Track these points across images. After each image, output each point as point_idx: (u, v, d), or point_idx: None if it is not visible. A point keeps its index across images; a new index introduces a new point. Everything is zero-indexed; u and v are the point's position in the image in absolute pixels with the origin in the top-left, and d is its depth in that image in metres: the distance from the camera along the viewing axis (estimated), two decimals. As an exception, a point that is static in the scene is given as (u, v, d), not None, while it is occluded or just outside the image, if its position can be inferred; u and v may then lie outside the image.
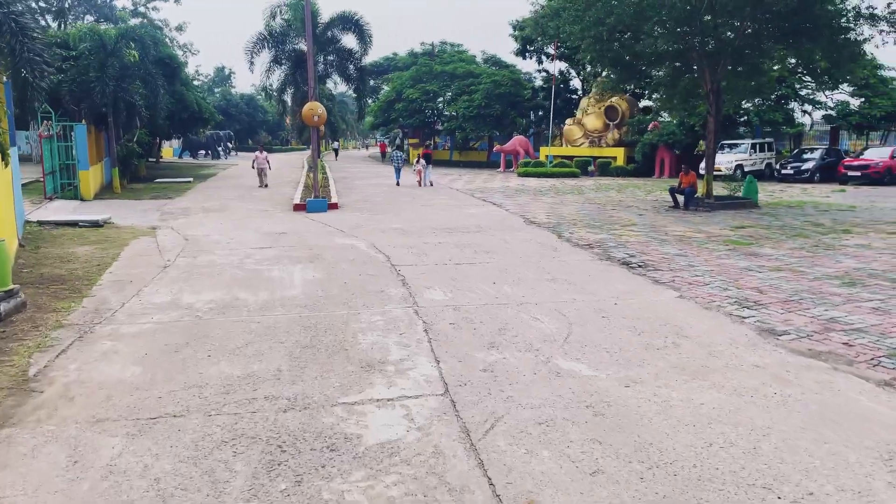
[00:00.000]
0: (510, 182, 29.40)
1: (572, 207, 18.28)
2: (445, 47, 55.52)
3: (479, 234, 13.11)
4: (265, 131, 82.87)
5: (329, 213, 17.48)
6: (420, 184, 26.46)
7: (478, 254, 10.75)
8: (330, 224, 14.95)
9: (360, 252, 11.09)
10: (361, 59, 21.69)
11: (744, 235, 12.56)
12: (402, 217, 16.23)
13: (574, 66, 42.07)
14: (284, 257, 10.59)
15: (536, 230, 13.58)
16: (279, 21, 21.41)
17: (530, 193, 23.11)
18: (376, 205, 19.36)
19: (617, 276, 8.82)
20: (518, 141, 39.47)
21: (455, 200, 20.77)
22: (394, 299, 7.66)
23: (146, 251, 11.33)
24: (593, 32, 16.60)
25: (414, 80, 47.33)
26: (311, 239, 12.72)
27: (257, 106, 75.96)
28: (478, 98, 42.61)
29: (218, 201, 20.44)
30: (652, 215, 16.30)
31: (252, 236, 13.09)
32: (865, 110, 29.85)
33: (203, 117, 33.59)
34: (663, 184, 28.24)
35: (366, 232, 13.57)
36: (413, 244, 11.81)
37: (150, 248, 11.62)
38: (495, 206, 18.83)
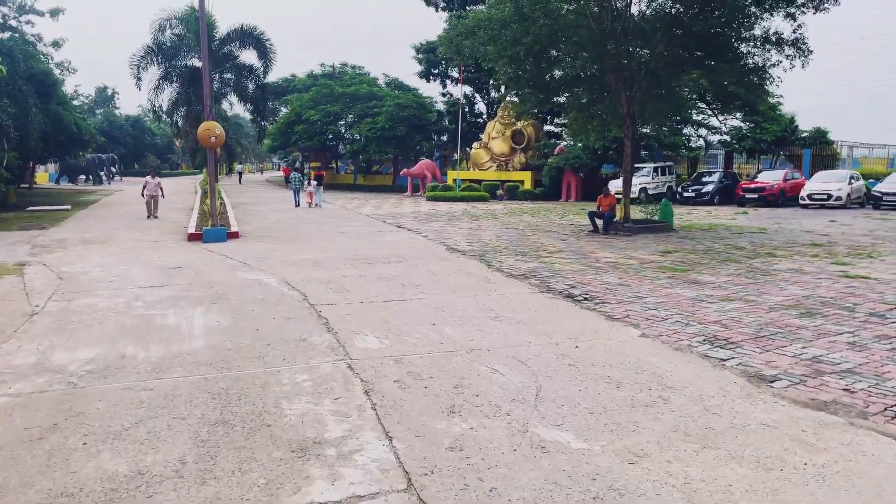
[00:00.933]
0: (420, 207, 28.54)
1: (491, 233, 17.56)
2: (346, 69, 54.48)
3: (402, 264, 12.03)
4: (153, 155, 78.37)
5: (229, 242, 15.88)
6: (311, 204, 27.72)
7: (406, 288, 9.67)
8: (231, 256, 13.43)
9: (270, 289, 9.74)
10: (263, 76, 20.17)
11: (675, 261, 12.16)
12: (312, 246, 14.91)
13: (479, 90, 42.06)
14: (181, 298, 9.09)
15: (462, 259, 12.67)
16: (169, 35, 19.63)
17: (444, 218, 22.29)
18: (281, 233, 17.89)
19: (566, 312, 7.99)
20: (425, 165, 38.83)
21: (367, 227, 19.61)
22: (320, 350, 6.45)
23: (8, 294, 9.48)
24: (510, 52, 16.07)
25: (314, 102, 45.90)
26: (211, 274, 11.21)
27: (144, 128, 71.75)
28: (381, 120, 41.74)
29: (100, 231, 18.29)
30: (575, 240, 15.81)
31: (141, 272, 11.42)
32: (757, 135, 31.28)
33: (83, 139, 30.76)
34: (572, 207, 28.27)
35: (273, 264, 12.18)
36: (330, 278, 10.58)
37: (15, 290, 9.76)
38: (411, 232, 17.82)
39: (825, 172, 28.71)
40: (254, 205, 29.34)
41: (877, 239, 15.56)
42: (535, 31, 15.75)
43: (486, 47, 16.45)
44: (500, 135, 37.43)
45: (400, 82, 52.63)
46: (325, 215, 23.84)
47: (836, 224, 19.35)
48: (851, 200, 26.24)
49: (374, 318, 7.72)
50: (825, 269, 11.22)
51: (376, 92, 46.31)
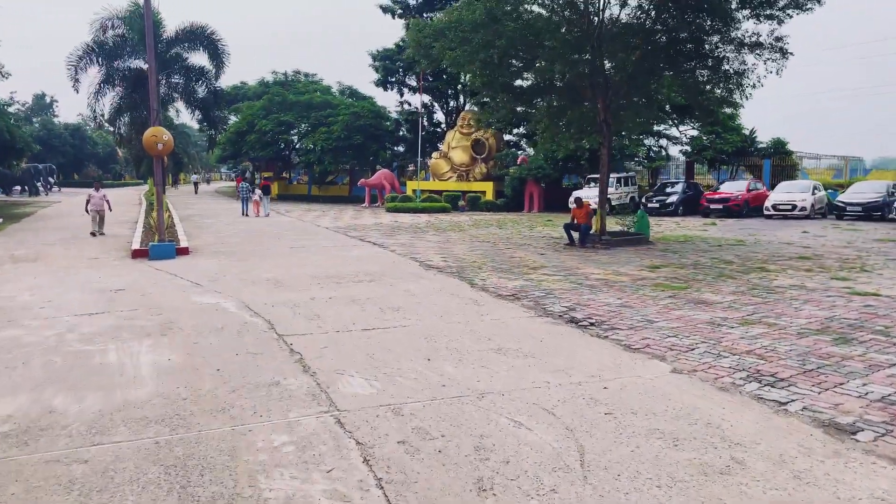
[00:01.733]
0: (381, 218, 27.41)
1: (463, 247, 16.58)
2: (299, 77, 52.91)
3: (375, 284, 10.92)
4: (94, 165, 75.07)
5: (179, 259, 14.48)
6: (257, 214, 28.65)
7: (386, 313, 8.57)
8: (182, 275, 12.08)
9: (229, 316, 8.52)
10: (216, 78, 18.71)
11: (669, 278, 11.38)
12: (272, 263, 13.65)
13: (438, 98, 41.19)
14: (125, 328, 7.80)
15: (441, 277, 11.62)
16: (111, 35, 18.05)
17: (409, 231, 21.22)
18: (237, 248, 16.53)
19: (576, 341, 7.03)
20: (383, 175, 37.73)
21: (329, 241, 18.38)
22: (298, 397, 5.31)
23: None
24: (482, 56, 15.16)
25: (266, 111, 44.28)
26: (159, 297, 9.89)
27: (85, 137, 68.58)
28: (337, 130, 40.44)
29: (33, 248, 16.59)
30: (554, 255, 14.94)
31: (78, 296, 10.01)
32: (719, 145, 31.22)
33: (16, 147, 28.64)
34: (538, 218, 27.57)
35: (231, 285, 10.92)
36: (297, 301, 9.40)
37: (-78, 322, 8.29)
38: (378, 247, 16.70)
39: (788, 183, 28.75)
40: (204, 217, 27.72)
41: (859, 251, 15.16)
42: (508, 34, 14.93)
43: (455, 51, 15.51)
44: (459, 144, 36.62)
45: (355, 90, 51.37)
46: (283, 228, 22.49)
47: (810, 235, 19.03)
48: (815, 210, 26.25)
49: (357, 353, 6.61)
50: (828, 284, 10.59)
51: (331, 100, 44.96)
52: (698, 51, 15.41)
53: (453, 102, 41.43)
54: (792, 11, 14.30)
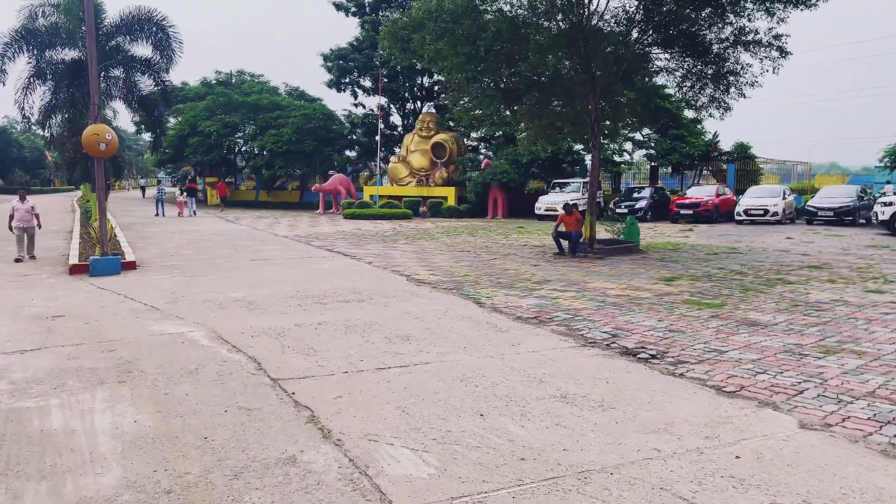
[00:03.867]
0: (341, 226, 25.74)
1: (444, 257, 15.18)
2: (244, 76, 50.53)
3: (367, 304, 9.41)
4: (21, 170, 70.42)
5: (125, 275, 12.61)
6: (181, 214, 31.36)
7: (394, 343, 7.10)
8: (132, 296, 10.29)
9: (201, 351, 6.89)
10: (166, 70, 16.74)
11: (692, 292, 10.26)
12: (236, 279, 11.95)
13: (395, 100, 39.66)
14: (69, 372, 6.10)
15: (439, 295, 10.19)
16: (43, 23, 15.93)
17: (376, 240, 19.69)
18: (191, 260, 14.69)
19: (649, 382, 5.72)
20: (338, 180, 36.01)
21: (292, 251, 16.69)
22: (330, 485, 3.82)
23: None
24: (467, 50, 13.83)
25: (210, 112, 41.86)
26: (109, 326, 8.15)
27: (10, 140, 64.18)
28: (287, 133, 38.43)
29: (-51, 263, 14.37)
30: (548, 265, 13.70)
31: (7, 325, 8.18)
32: (684, 150, 30.73)
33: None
34: (507, 225, 26.41)
35: (194, 308, 9.23)
36: (281, 329, 7.83)
37: None
38: (350, 258, 15.13)
39: (758, 188, 28.44)
40: (146, 226, 25.46)
41: (863, 258, 14.47)
42: (494, 25, 13.66)
43: (437, 43, 14.13)
44: (418, 148, 35.19)
45: (303, 92, 49.30)
46: (237, 237, 20.62)
47: (797, 242, 18.39)
48: (785, 215, 25.90)
49: (383, 405, 5.14)
50: (869, 298, 9.64)
51: (279, 101, 42.84)
52: (694, 46, 14.46)
53: (411, 104, 39.99)
54: (793, 9, 13.48)
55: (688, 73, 15.36)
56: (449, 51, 14.02)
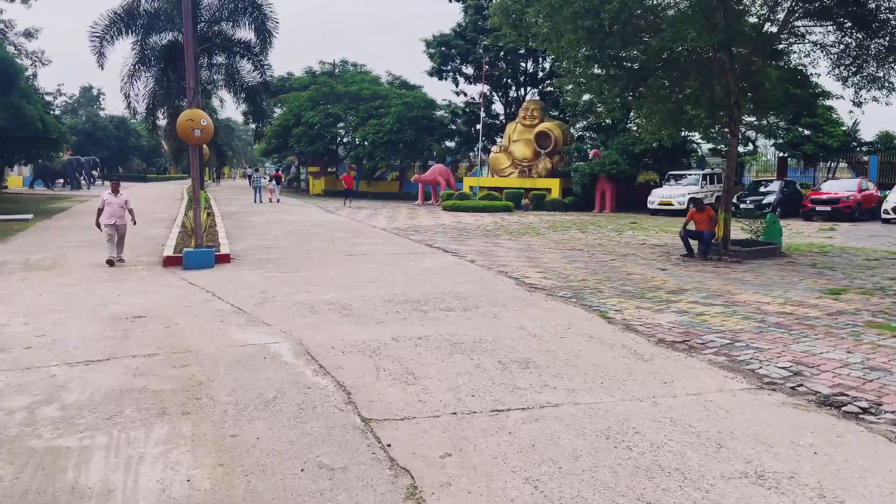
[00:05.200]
0: (440, 218, 24.66)
1: (555, 257, 13.69)
2: (348, 67, 50.55)
3: (472, 314, 8.13)
4: (139, 158, 74.19)
5: (218, 269, 11.95)
6: (271, 200, 33.93)
7: (510, 371, 5.77)
8: (220, 293, 9.49)
9: (283, 372, 5.82)
10: (263, 54, 16.17)
11: (872, 311, 8.33)
12: (330, 276, 11.00)
13: (497, 87, 38.20)
14: (130, 395, 5.17)
15: (557, 305, 8.77)
16: (145, 6, 15.69)
17: (478, 234, 18.42)
18: (285, 253, 13.95)
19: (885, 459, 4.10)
20: (438, 170, 34.99)
21: (390, 245, 15.70)
22: None
23: None
24: (588, 23, 12.22)
25: (314, 102, 41.98)
26: (188, 332, 7.28)
27: (129, 129, 67.50)
28: (389, 122, 37.82)
29: (53, 251, 14.30)
30: (678, 269, 11.95)
31: (84, 327, 7.49)
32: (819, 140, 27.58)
33: (50, 138, 26.66)
34: (616, 219, 24.48)
35: (282, 312, 8.27)
36: (375, 344, 6.68)
37: None
38: (451, 255, 13.93)
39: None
40: (248, 214, 25.38)
41: None
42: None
43: (554, 17, 12.60)
44: (521, 137, 33.61)
45: (404, 80, 48.76)
46: (335, 229, 19.92)
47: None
48: (943, 215, 22.54)
49: (506, 474, 3.82)
50: None
51: (380, 91, 42.39)
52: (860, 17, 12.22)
53: (514, 92, 38.41)
54: None
55: (847, 50, 13.09)
56: (566, 26, 12.47)
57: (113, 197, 12.89)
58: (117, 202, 12.86)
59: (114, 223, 12.58)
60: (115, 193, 12.93)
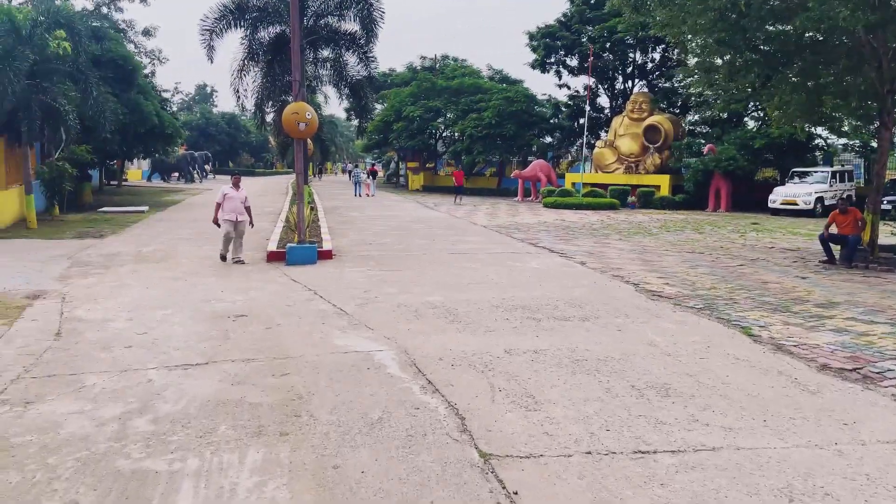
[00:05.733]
0: (542, 216, 23.75)
1: (674, 260, 12.58)
2: (448, 61, 50.22)
3: (592, 323, 7.32)
4: (247, 153, 77.16)
5: (320, 265, 11.67)
6: (368, 194, 34.68)
7: (649, 400, 4.95)
8: (322, 293, 9.13)
9: (388, 387, 5.26)
10: (369, 46, 15.87)
11: None
12: (432, 276, 10.46)
13: (603, 80, 36.70)
14: (226, 407, 4.75)
15: (686, 317, 7.80)
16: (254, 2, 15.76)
17: (585, 233, 17.43)
18: (386, 250, 13.56)
19: None
20: (539, 166, 33.96)
21: (492, 243, 15.03)
22: None
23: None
24: (720, 2, 11.02)
25: (414, 97, 41.88)
26: (289, 335, 6.88)
27: (239, 125, 70.22)
28: (488, 116, 37.15)
29: (164, 243, 14.57)
30: (822, 278, 10.60)
31: (186, 325, 7.26)
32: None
33: (165, 133, 27.73)
34: (734, 219, 22.70)
35: (384, 315, 7.76)
36: (489, 357, 6.01)
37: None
38: (559, 255, 13.09)
39: None
40: (349, 209, 25.43)
41: None
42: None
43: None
44: (628, 132, 32.05)
45: (505, 75, 47.89)
46: (434, 225, 19.47)
47: None
48: None
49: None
50: None
51: (482, 84, 41.77)
52: None
53: (621, 84, 36.78)
54: None
55: None
56: (696, 6, 11.32)
57: (234, 191, 12.20)
58: (238, 197, 12.17)
59: (234, 219, 11.97)
60: (235, 188, 12.25)
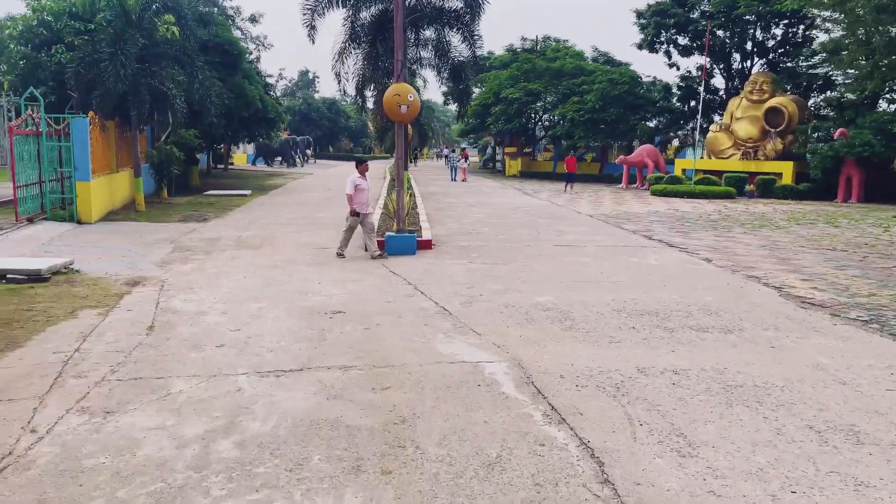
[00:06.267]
0: (650, 204, 22.27)
1: (813, 258, 11.10)
2: (550, 42, 48.60)
3: (738, 339, 6.24)
4: (347, 138, 78.33)
5: (419, 256, 11.03)
6: (463, 179, 34.43)
7: (836, 449, 3.92)
8: (422, 288, 8.46)
9: (505, 413, 4.48)
10: (473, 24, 15.04)
11: None
12: (539, 271, 9.60)
13: (718, 59, 34.24)
14: (321, 431, 4.11)
15: (848, 330, 6.56)
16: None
17: (703, 225, 15.98)
18: (487, 241, 12.76)
19: None
20: (646, 151, 32.17)
21: (601, 234, 13.94)
22: None
23: (32, 372, 5.09)
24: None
25: (513, 80, 40.68)
26: (389, 338, 6.24)
27: (339, 110, 71.28)
28: (591, 100, 35.56)
29: (264, 228, 14.41)
30: None
31: (281, 320, 6.78)
32: None
33: (269, 118, 28.02)
34: (875, 213, 20.39)
35: (491, 317, 6.98)
36: (619, 377, 5.12)
37: (51, 361, 5.37)
38: (678, 250, 11.89)
39: None
40: (445, 195, 24.81)
41: None
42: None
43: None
44: (746, 115, 29.70)
45: (610, 56, 45.80)
46: (535, 213, 18.50)
47: None
48: None
49: None
50: None
51: (585, 66, 40.06)
52: None
53: (738, 64, 34.18)
54: None
55: None
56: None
57: (363, 180, 10.81)
58: (367, 188, 10.85)
59: (364, 212, 10.78)
60: (363, 176, 10.83)
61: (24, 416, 4.34)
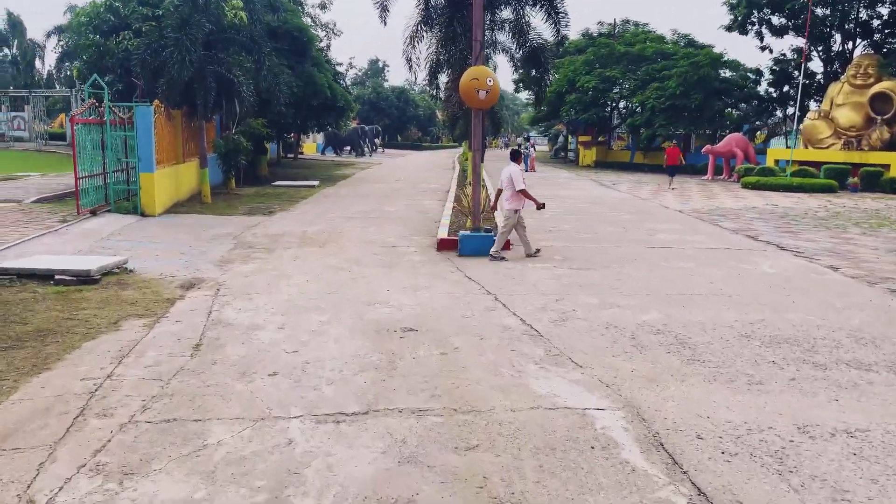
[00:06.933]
0: (744, 198, 20.43)
1: (966, 270, 9.40)
2: (628, 26, 46.33)
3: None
4: (415, 127, 77.71)
5: (496, 259, 9.90)
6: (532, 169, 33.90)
7: None
8: (503, 298, 7.36)
9: (628, 491, 3.34)
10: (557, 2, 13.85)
11: None
12: (636, 278, 8.37)
13: (816, 41, 31.56)
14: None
15: None
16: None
17: (811, 223, 14.27)
18: (570, 241, 11.52)
19: None
20: (735, 140, 30.02)
21: (697, 233, 12.49)
22: None
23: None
24: None
25: (589, 66, 38.83)
26: (470, 368, 5.18)
27: (408, 99, 70.68)
28: (672, 86, 33.41)
29: (330, 223, 13.59)
30: None
31: (344, 340, 5.84)
32: None
33: (337, 106, 27.37)
34: None
35: (591, 341, 5.83)
36: (771, 439, 3.91)
37: (68, 398, 4.54)
38: (791, 253, 10.41)
39: None
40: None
41: None
42: None
43: None
44: (848, 101, 27.14)
45: (692, 39, 43.21)
46: (618, 208, 17.08)
47: None
48: None
49: None
50: None
51: (666, 50, 37.82)
52: None
53: (839, 46, 31.42)
54: None
55: None
56: None
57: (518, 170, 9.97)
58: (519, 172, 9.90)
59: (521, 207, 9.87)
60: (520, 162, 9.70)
61: (25, 475, 3.49)
